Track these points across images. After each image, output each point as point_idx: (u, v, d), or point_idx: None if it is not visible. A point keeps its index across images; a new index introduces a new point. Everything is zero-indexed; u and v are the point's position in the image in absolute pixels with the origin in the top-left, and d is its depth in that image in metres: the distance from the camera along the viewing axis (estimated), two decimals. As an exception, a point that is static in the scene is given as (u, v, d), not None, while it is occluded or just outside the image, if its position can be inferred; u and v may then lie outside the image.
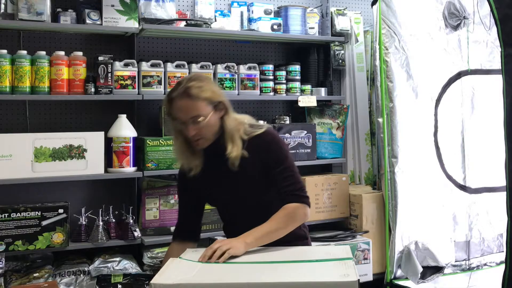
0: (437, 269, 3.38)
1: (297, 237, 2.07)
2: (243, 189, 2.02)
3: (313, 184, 3.41)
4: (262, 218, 1.95)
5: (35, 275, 2.75)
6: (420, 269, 3.29)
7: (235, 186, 2.03)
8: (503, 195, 2.27)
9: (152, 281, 1.59)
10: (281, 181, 1.98)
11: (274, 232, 1.91)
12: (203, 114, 1.91)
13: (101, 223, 2.92)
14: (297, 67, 3.49)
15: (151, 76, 3.07)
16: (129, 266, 2.90)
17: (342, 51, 3.72)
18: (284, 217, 1.94)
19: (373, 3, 3.46)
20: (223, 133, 1.98)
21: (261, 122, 2.28)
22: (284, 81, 3.46)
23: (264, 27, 3.39)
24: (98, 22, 3.00)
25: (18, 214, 2.75)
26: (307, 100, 3.43)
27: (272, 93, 3.42)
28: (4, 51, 2.79)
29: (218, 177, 2.05)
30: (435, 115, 3.52)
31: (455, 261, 3.59)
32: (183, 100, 1.90)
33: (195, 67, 3.17)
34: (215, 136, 1.98)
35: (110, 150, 2.95)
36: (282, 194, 1.98)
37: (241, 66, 3.31)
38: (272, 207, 1.98)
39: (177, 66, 3.14)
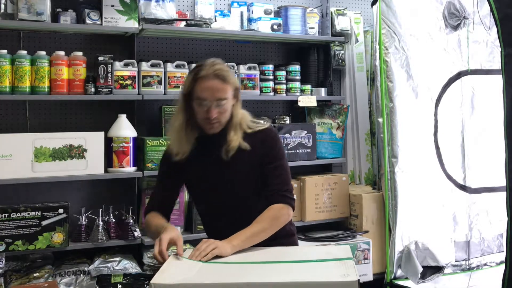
0: (437, 269, 3.38)
1: (285, 234, 2.08)
2: (229, 180, 2.02)
3: (313, 184, 3.41)
4: (242, 214, 1.97)
5: (35, 275, 2.75)
6: (420, 269, 3.30)
7: (222, 175, 2.02)
8: (503, 195, 2.27)
9: (152, 281, 1.59)
10: (272, 177, 2.00)
11: (259, 233, 1.92)
12: (227, 98, 1.95)
13: (101, 223, 2.92)
14: (297, 67, 3.50)
15: (151, 76, 3.07)
16: (129, 266, 2.91)
17: (342, 51, 3.72)
18: (268, 218, 1.95)
19: (373, 3, 3.46)
20: (229, 121, 2.00)
21: (262, 120, 2.27)
22: (284, 81, 3.46)
23: (264, 27, 3.39)
24: (98, 22, 3.00)
25: (18, 214, 2.75)
26: (307, 100, 3.43)
27: (272, 93, 3.42)
28: (4, 51, 2.79)
29: (207, 164, 2.04)
30: (435, 115, 3.52)
31: (455, 261, 3.59)
32: (214, 81, 1.92)
33: (195, 67, 3.17)
34: (225, 124, 2.00)
35: (110, 150, 2.95)
36: (269, 191, 2.00)
37: (241, 66, 3.31)
38: (253, 203, 2.00)
39: (177, 66, 3.14)
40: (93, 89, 2.93)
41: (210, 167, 2.04)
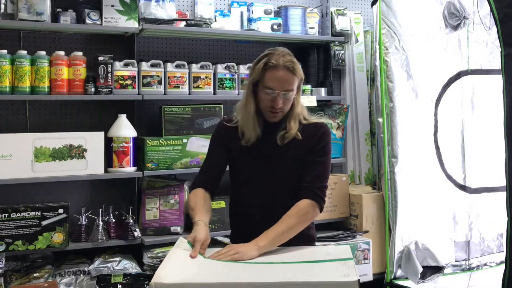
0: (437, 269, 3.38)
1: (306, 239, 2.06)
2: (278, 165, 2.04)
3: (313, 184, 3.40)
4: (278, 204, 1.98)
5: (35, 275, 2.75)
6: (420, 269, 3.30)
7: (272, 159, 2.04)
8: (503, 195, 2.27)
9: (153, 280, 1.59)
10: (309, 172, 2.01)
11: (287, 232, 1.92)
12: (293, 90, 1.99)
13: (101, 223, 2.92)
14: (297, 67, 3.49)
15: (151, 76, 3.07)
16: (129, 266, 2.91)
17: (342, 51, 3.72)
18: (296, 215, 1.95)
19: (373, 3, 3.46)
20: (290, 111, 2.04)
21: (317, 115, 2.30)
22: (284, 81, 3.45)
23: (264, 27, 3.39)
24: (98, 22, 3.00)
25: (18, 214, 2.75)
26: (307, 100, 3.43)
27: (272, 93, 3.42)
28: (4, 51, 2.79)
29: (262, 148, 2.05)
30: (435, 115, 3.52)
31: (455, 261, 3.59)
32: (285, 72, 1.96)
33: (195, 67, 3.17)
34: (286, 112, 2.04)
35: (110, 150, 2.95)
36: (302, 185, 2.00)
37: (241, 66, 3.31)
38: (293, 195, 2.00)
39: (177, 66, 3.14)
40: (93, 89, 2.93)
41: (264, 151, 2.05)
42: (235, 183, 2.16)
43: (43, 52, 2.86)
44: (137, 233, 2.96)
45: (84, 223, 2.93)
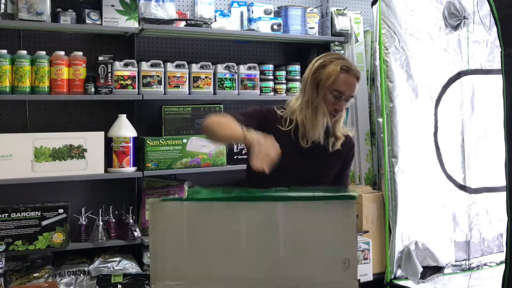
0: (437, 269, 3.38)
1: None
2: (323, 170, 2.12)
3: (313, 184, 3.40)
4: None
5: (35, 275, 2.75)
6: (420, 269, 3.29)
7: (320, 164, 2.10)
8: (503, 195, 2.27)
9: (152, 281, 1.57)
10: (344, 184, 2.16)
11: None
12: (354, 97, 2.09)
13: (101, 223, 2.92)
14: (297, 67, 3.49)
15: (151, 76, 3.07)
16: (129, 266, 2.91)
17: (342, 51, 3.71)
18: None
19: (373, 3, 3.46)
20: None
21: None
22: (284, 81, 3.46)
23: (264, 27, 3.39)
24: (98, 22, 3.00)
25: (18, 214, 2.75)
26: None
27: (272, 93, 3.42)
28: (4, 51, 2.79)
29: (312, 150, 2.07)
30: (435, 115, 3.52)
31: (455, 261, 3.59)
32: (354, 79, 2.03)
33: (195, 67, 3.17)
34: None
35: (110, 150, 2.95)
36: (344, 186, 2.14)
37: (241, 66, 3.31)
38: None
39: (177, 66, 3.14)
40: (93, 89, 2.93)
41: (315, 153, 2.08)
42: (253, 174, 2.04)
43: (43, 52, 2.86)
44: (137, 233, 2.96)
45: (84, 223, 2.93)
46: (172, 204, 1.48)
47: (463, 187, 3.62)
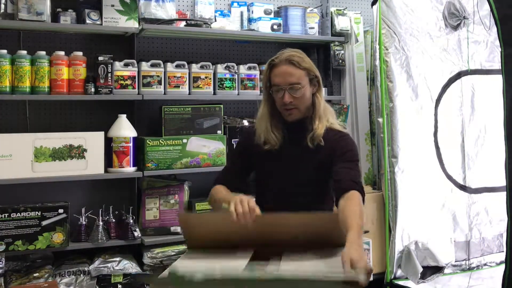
0: (437, 269, 3.38)
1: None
2: (302, 169, 2.01)
3: (313, 184, 3.40)
4: (297, 206, 1.89)
5: (35, 275, 2.75)
6: (420, 269, 3.29)
7: (297, 163, 2.02)
8: (503, 195, 2.27)
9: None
10: (348, 168, 1.92)
11: (363, 222, 1.73)
12: (301, 83, 1.97)
13: (101, 223, 2.92)
14: (297, 67, 3.49)
15: (151, 76, 3.07)
16: (129, 266, 2.91)
17: (342, 51, 3.72)
18: (360, 205, 1.80)
19: (373, 3, 3.46)
20: (313, 110, 2.03)
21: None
22: (284, 81, 3.45)
23: (264, 27, 3.39)
24: (98, 22, 3.00)
25: (18, 214, 2.75)
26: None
27: (272, 93, 3.42)
28: (4, 51, 2.79)
29: (288, 151, 2.03)
30: (435, 115, 3.52)
31: (455, 261, 3.59)
32: (286, 66, 1.97)
33: (195, 67, 3.17)
34: (306, 112, 2.03)
35: (110, 150, 2.95)
36: (345, 175, 1.90)
37: (241, 66, 3.31)
38: (311, 201, 2.00)
39: (177, 66, 3.14)
40: (93, 89, 2.93)
41: (291, 154, 2.03)
42: (259, 186, 2.15)
43: (43, 52, 2.86)
44: (137, 233, 2.96)
45: (84, 223, 2.93)
46: None
47: (463, 187, 3.62)
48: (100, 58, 2.95)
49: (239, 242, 1.80)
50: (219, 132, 3.22)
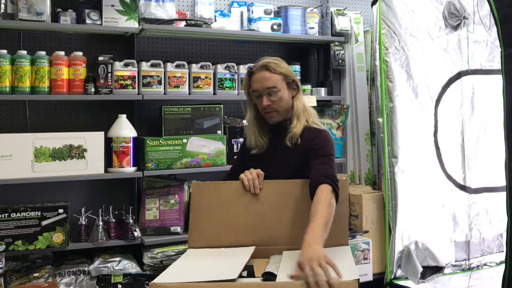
0: (437, 269, 3.38)
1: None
2: (282, 170, 2.10)
3: (313, 184, 3.40)
4: None
5: (35, 275, 2.75)
6: (420, 269, 3.29)
7: (280, 162, 2.12)
8: (503, 195, 2.27)
9: (153, 281, 1.58)
10: (320, 164, 2.01)
11: (330, 221, 1.83)
12: (277, 87, 2.10)
13: (101, 223, 2.92)
14: (297, 67, 3.49)
15: (151, 76, 3.07)
16: (129, 266, 2.91)
17: (342, 51, 3.72)
18: (328, 204, 1.88)
19: (373, 3, 3.46)
20: (292, 112, 2.16)
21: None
22: (284, 81, 3.46)
23: (264, 27, 3.39)
24: (98, 22, 3.00)
25: (18, 214, 2.75)
26: (307, 100, 3.40)
27: (272, 93, 3.42)
28: (4, 51, 2.79)
29: (273, 153, 2.15)
30: (435, 115, 3.52)
31: (455, 261, 3.59)
32: (261, 73, 2.11)
33: (195, 67, 3.17)
34: (285, 114, 2.15)
35: (110, 150, 2.95)
36: (314, 174, 1.98)
37: (241, 66, 3.31)
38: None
39: (177, 66, 3.14)
40: (93, 89, 2.93)
41: (275, 157, 2.14)
42: None
43: (43, 52, 2.86)
44: (137, 233, 2.96)
45: (84, 223, 2.93)
46: None
47: (463, 187, 3.62)
48: (100, 58, 2.95)
49: (243, 210, 2.01)
50: (219, 132, 3.22)
